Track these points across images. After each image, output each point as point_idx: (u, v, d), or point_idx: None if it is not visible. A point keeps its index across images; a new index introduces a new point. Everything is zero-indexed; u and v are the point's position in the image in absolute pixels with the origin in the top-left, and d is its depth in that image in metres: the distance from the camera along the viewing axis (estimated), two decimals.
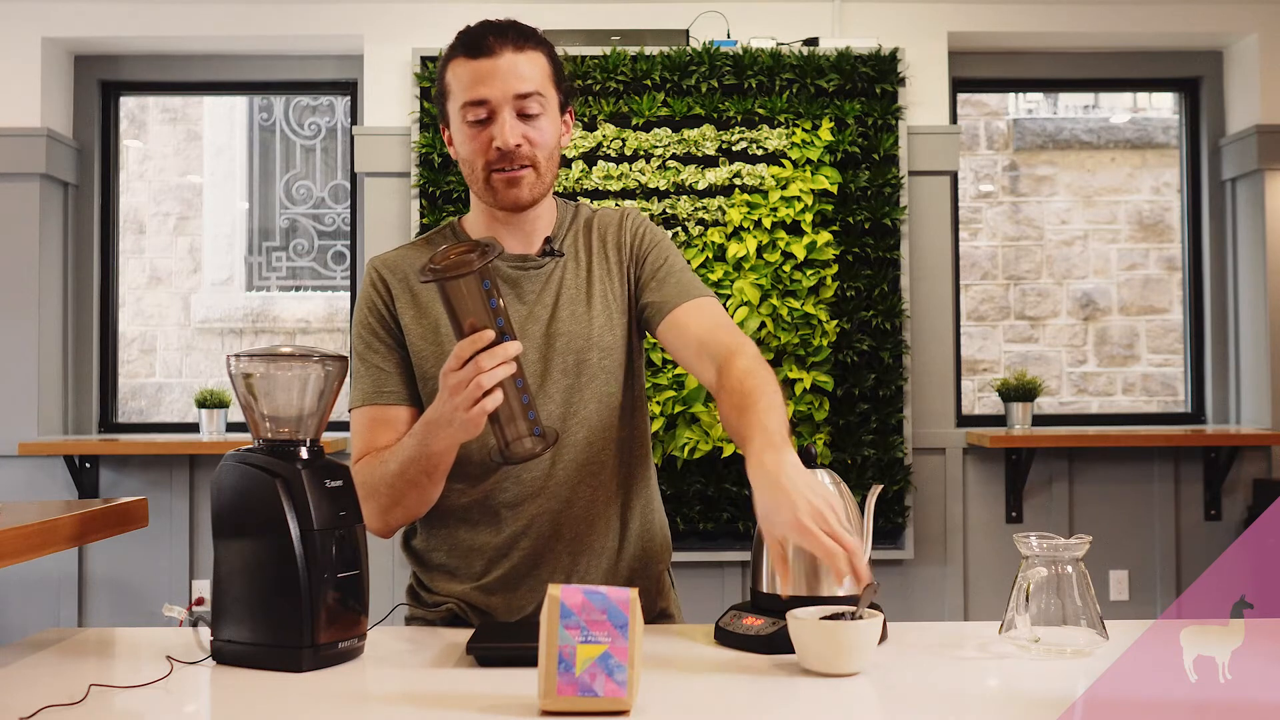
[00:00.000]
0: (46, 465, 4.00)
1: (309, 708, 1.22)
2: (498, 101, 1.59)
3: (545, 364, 1.65)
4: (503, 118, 1.59)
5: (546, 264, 1.69)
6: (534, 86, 1.60)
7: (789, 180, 3.81)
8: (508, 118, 1.59)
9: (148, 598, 3.99)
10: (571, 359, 1.65)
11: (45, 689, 1.27)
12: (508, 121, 1.59)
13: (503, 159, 1.60)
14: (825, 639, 1.31)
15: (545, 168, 1.64)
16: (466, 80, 1.60)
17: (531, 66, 1.61)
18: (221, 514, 1.39)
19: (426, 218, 3.80)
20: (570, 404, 1.64)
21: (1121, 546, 4.11)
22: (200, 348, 5.99)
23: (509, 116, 1.59)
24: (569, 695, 1.15)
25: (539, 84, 1.61)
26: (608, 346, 1.67)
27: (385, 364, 1.67)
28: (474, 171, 1.63)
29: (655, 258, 1.71)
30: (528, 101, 1.60)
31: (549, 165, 1.65)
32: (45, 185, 4.03)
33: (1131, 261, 5.87)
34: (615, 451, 1.68)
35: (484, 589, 1.65)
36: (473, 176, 1.64)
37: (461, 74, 1.61)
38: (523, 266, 1.68)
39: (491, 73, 1.59)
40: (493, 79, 1.58)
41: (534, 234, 1.70)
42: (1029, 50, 4.31)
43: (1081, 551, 1.41)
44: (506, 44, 1.60)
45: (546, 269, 1.69)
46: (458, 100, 1.62)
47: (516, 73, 1.59)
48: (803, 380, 3.78)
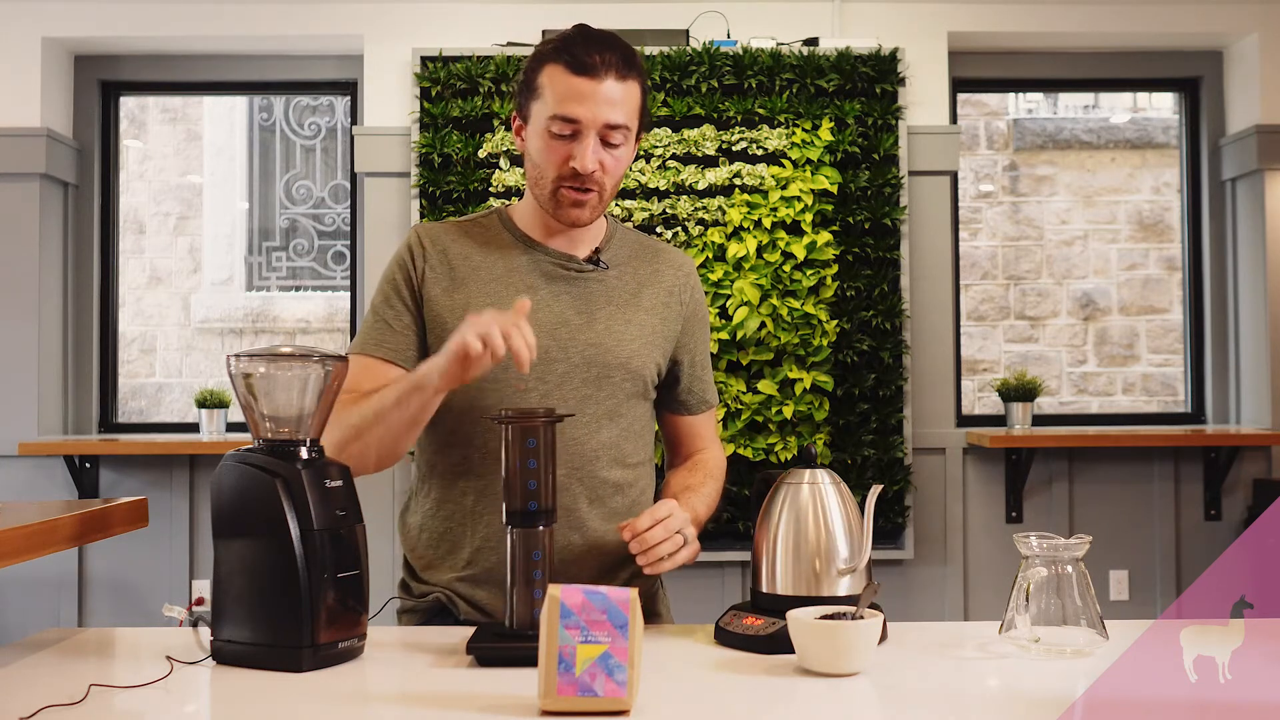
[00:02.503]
0: (46, 465, 4.00)
1: (309, 708, 1.22)
2: (587, 125, 1.60)
3: (568, 367, 1.65)
4: (588, 141, 1.60)
5: (590, 272, 1.71)
6: (624, 119, 1.62)
7: (789, 180, 3.81)
8: (593, 143, 1.61)
9: (148, 598, 3.99)
10: (595, 371, 1.66)
11: (45, 689, 1.27)
12: (591, 147, 1.61)
13: (576, 178, 1.62)
14: (825, 639, 1.31)
15: (610, 193, 1.68)
16: (562, 94, 1.60)
17: (627, 97, 1.62)
18: (221, 514, 1.39)
19: (426, 218, 3.80)
20: (583, 413, 1.65)
21: (1121, 546, 4.11)
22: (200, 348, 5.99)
23: (594, 142, 1.61)
24: (569, 695, 1.15)
25: (628, 117, 1.63)
26: (634, 370, 1.69)
27: (395, 323, 1.69)
28: (542, 178, 1.65)
29: (696, 329, 1.80)
30: (615, 132, 1.62)
31: (613, 191, 1.69)
32: (45, 185, 4.03)
33: (1131, 261, 5.87)
34: (622, 468, 1.69)
35: (470, 580, 1.66)
36: (540, 182, 1.66)
37: (559, 85, 1.60)
38: (566, 267, 1.70)
39: (590, 96, 1.59)
40: (590, 102, 1.59)
41: (582, 238, 1.72)
42: (1029, 50, 4.31)
43: (1081, 551, 1.41)
44: (611, 69, 1.60)
45: (590, 278, 1.71)
46: (548, 108, 1.61)
47: (612, 101, 1.60)
48: (803, 380, 3.78)
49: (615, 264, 1.73)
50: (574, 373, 1.66)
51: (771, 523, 1.49)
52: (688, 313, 1.78)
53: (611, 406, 1.68)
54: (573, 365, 1.66)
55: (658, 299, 1.75)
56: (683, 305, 1.78)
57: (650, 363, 1.72)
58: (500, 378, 1.63)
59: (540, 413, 1.42)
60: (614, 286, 1.71)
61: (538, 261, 1.69)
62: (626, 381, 1.68)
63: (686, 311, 1.78)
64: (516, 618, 1.40)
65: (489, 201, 3.79)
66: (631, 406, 1.70)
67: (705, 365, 1.83)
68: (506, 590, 1.42)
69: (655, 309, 1.74)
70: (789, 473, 1.52)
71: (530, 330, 1.45)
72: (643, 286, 1.74)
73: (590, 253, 1.72)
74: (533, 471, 1.40)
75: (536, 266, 1.69)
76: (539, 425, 1.40)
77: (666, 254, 1.81)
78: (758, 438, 3.78)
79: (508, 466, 1.40)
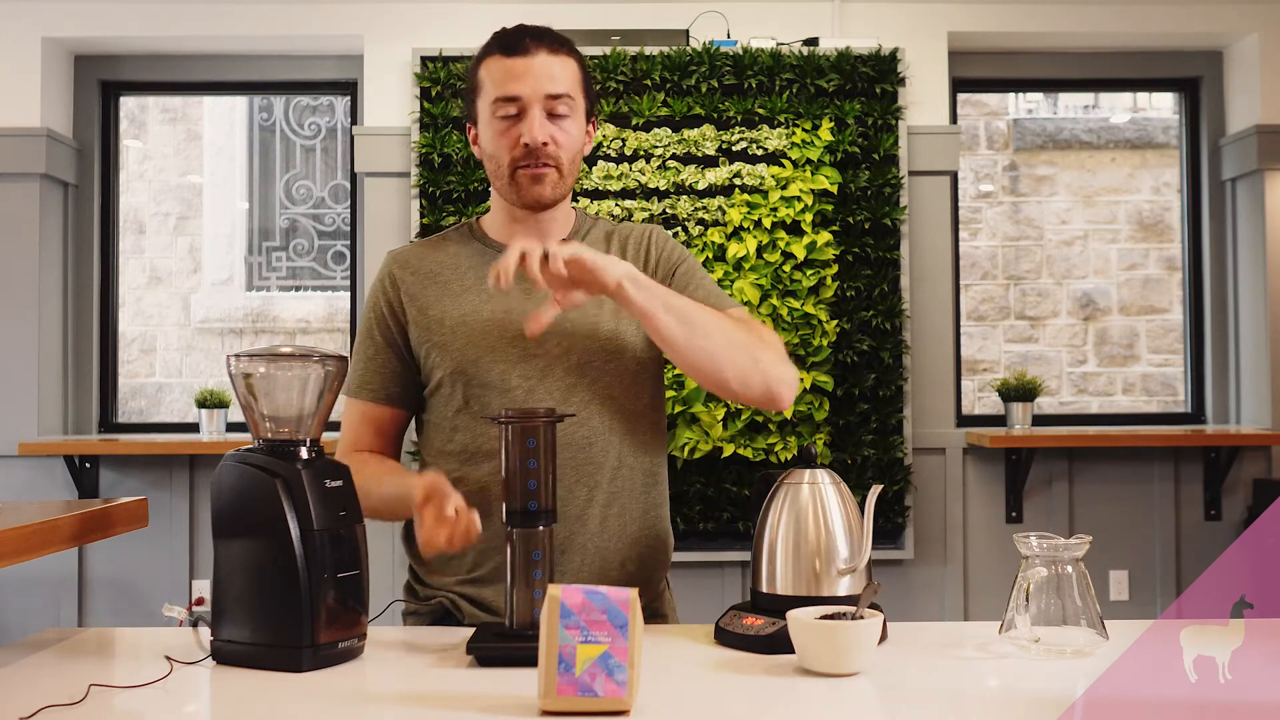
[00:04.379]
0: (46, 465, 4.00)
1: (309, 708, 1.22)
2: (529, 99, 1.63)
3: (548, 360, 1.65)
4: (532, 115, 1.64)
5: None
6: (565, 88, 1.66)
7: (789, 180, 3.81)
8: (537, 115, 1.64)
9: (148, 598, 3.99)
10: (575, 359, 1.66)
11: (45, 689, 1.27)
12: (537, 119, 1.64)
13: (529, 156, 1.64)
14: (825, 639, 1.31)
15: (568, 170, 1.69)
16: (500, 76, 1.65)
17: (564, 69, 1.67)
18: (221, 514, 1.39)
19: (426, 218, 3.80)
20: (570, 402, 1.64)
21: (1121, 546, 4.11)
22: (200, 348, 5.99)
23: (539, 114, 1.64)
24: (569, 695, 1.15)
25: (569, 87, 1.67)
26: (616, 350, 1.68)
27: (373, 361, 1.73)
28: (499, 168, 1.67)
29: (686, 271, 1.74)
30: (558, 103, 1.65)
31: (571, 168, 1.70)
32: (45, 185, 4.03)
33: (1131, 261, 5.87)
34: (617, 455, 1.68)
35: (474, 581, 1.66)
36: (498, 173, 1.68)
37: (495, 71, 1.66)
38: None
39: (525, 71, 1.64)
40: (526, 77, 1.64)
41: (550, 234, 1.72)
42: (1029, 50, 4.31)
43: (1081, 551, 1.41)
44: (541, 46, 1.65)
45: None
46: (489, 96, 1.66)
47: (549, 73, 1.65)
48: (803, 380, 3.78)
49: None
50: (555, 364, 1.65)
51: (771, 523, 1.49)
52: (661, 269, 1.73)
53: (599, 391, 1.66)
54: (552, 357, 1.65)
55: None
56: (652, 263, 1.73)
57: (628, 332, 1.68)
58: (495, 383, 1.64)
59: (540, 412, 1.42)
60: None
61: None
62: (610, 363, 1.67)
63: (661, 270, 1.73)
64: (516, 618, 1.40)
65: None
66: (625, 388, 1.68)
67: (704, 285, 1.73)
68: (506, 590, 1.42)
69: None
70: (789, 473, 1.52)
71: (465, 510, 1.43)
72: None
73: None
74: (533, 471, 1.40)
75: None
76: (539, 425, 1.40)
77: (630, 231, 1.79)
78: (758, 438, 3.78)
79: (508, 466, 1.41)
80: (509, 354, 1.65)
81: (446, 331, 1.67)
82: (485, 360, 1.65)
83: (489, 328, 1.66)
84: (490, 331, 1.66)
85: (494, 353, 1.65)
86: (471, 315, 1.67)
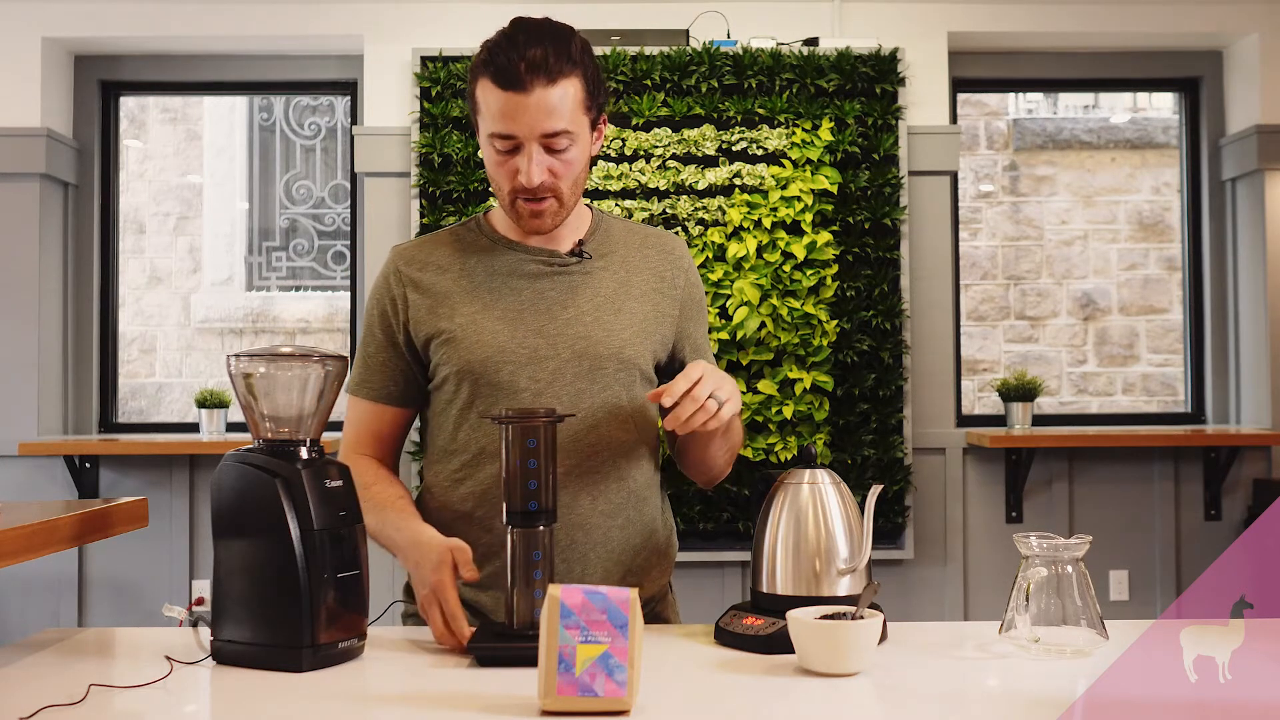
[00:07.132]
0: (46, 465, 4.00)
1: (309, 708, 1.22)
2: (525, 138, 1.57)
3: (559, 363, 1.64)
4: (529, 153, 1.57)
5: (574, 264, 1.69)
6: (564, 124, 1.57)
7: (789, 180, 3.81)
8: (535, 154, 1.57)
9: (148, 598, 3.99)
10: (586, 364, 1.64)
11: (45, 689, 1.27)
12: (534, 158, 1.57)
13: (526, 191, 1.60)
14: (825, 639, 1.31)
15: (569, 195, 1.63)
16: (495, 110, 1.57)
17: (563, 100, 1.56)
18: (221, 514, 1.39)
19: (426, 218, 3.80)
20: (578, 408, 1.63)
21: (1121, 546, 4.11)
22: (200, 348, 5.99)
23: (536, 153, 1.57)
24: (569, 695, 1.15)
25: (569, 119, 1.57)
26: (628, 360, 1.66)
27: (374, 358, 1.72)
28: (499, 190, 1.65)
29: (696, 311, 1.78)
30: (556, 139, 1.57)
31: (574, 191, 1.64)
32: (45, 185, 4.03)
33: (1131, 261, 5.87)
34: (622, 462, 1.67)
35: (475, 585, 1.65)
36: (498, 194, 1.65)
37: (490, 102, 1.57)
38: (549, 263, 1.68)
39: (520, 109, 1.54)
40: (521, 116, 1.55)
41: (563, 233, 1.70)
42: (1029, 50, 4.32)
43: (1081, 551, 1.41)
44: (538, 77, 1.53)
45: (574, 271, 1.68)
46: (486, 125, 1.60)
47: (546, 109, 1.55)
48: (803, 380, 3.78)
49: (601, 254, 1.71)
50: (565, 368, 1.63)
51: (771, 523, 1.49)
52: (683, 296, 1.75)
53: (607, 399, 1.65)
54: (563, 360, 1.64)
55: (649, 285, 1.71)
56: (677, 289, 1.74)
57: (645, 351, 1.68)
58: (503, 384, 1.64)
59: (540, 412, 1.42)
60: (600, 277, 1.69)
61: (519, 261, 1.68)
62: (621, 372, 1.66)
63: (682, 295, 1.74)
64: (517, 618, 1.40)
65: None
66: (631, 399, 1.67)
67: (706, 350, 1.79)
68: (507, 590, 1.42)
69: (647, 296, 1.71)
70: (789, 473, 1.52)
71: (456, 607, 1.46)
72: (632, 274, 1.71)
73: (573, 245, 1.69)
74: (533, 471, 1.40)
75: (518, 266, 1.67)
76: (539, 425, 1.40)
77: (655, 238, 1.77)
78: (758, 438, 3.78)
79: (508, 466, 1.40)
80: (518, 355, 1.63)
81: (455, 328, 1.65)
82: (494, 360, 1.63)
83: (499, 328, 1.64)
84: (500, 332, 1.64)
85: (503, 353, 1.63)
86: (481, 313, 1.65)
